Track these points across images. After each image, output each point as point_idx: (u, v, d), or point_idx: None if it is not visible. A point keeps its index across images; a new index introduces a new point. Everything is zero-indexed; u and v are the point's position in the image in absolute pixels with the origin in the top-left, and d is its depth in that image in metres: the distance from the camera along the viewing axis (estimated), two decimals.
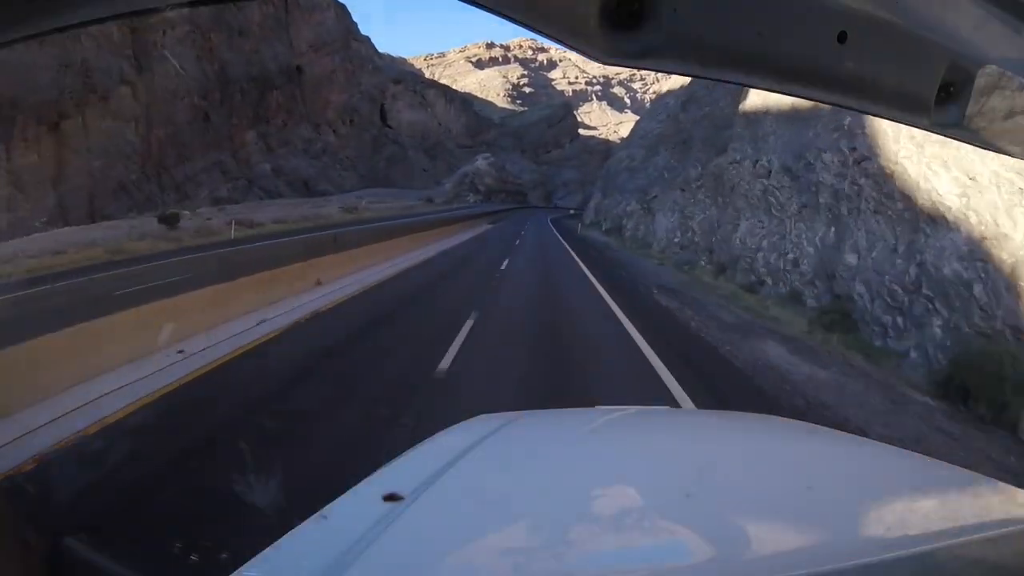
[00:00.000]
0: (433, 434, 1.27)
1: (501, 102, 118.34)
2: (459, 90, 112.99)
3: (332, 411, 4.47)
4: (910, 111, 0.56)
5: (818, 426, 1.47)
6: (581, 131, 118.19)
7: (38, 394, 4.37)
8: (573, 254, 20.82)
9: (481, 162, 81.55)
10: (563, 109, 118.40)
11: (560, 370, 5.98)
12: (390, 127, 79.57)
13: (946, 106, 0.56)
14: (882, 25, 0.49)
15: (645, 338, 7.35)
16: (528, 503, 0.92)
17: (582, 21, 0.46)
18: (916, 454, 1.23)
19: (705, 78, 0.54)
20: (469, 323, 7.69)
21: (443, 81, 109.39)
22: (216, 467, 3.44)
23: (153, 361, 5.45)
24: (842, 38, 0.49)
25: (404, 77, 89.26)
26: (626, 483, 1.03)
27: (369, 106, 76.34)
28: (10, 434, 3.81)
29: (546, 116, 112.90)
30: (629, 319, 8.64)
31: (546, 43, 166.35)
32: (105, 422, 4.17)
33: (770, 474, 1.04)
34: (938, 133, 0.59)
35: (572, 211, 74.35)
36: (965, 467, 1.04)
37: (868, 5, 0.48)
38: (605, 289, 11.85)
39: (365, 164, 75.63)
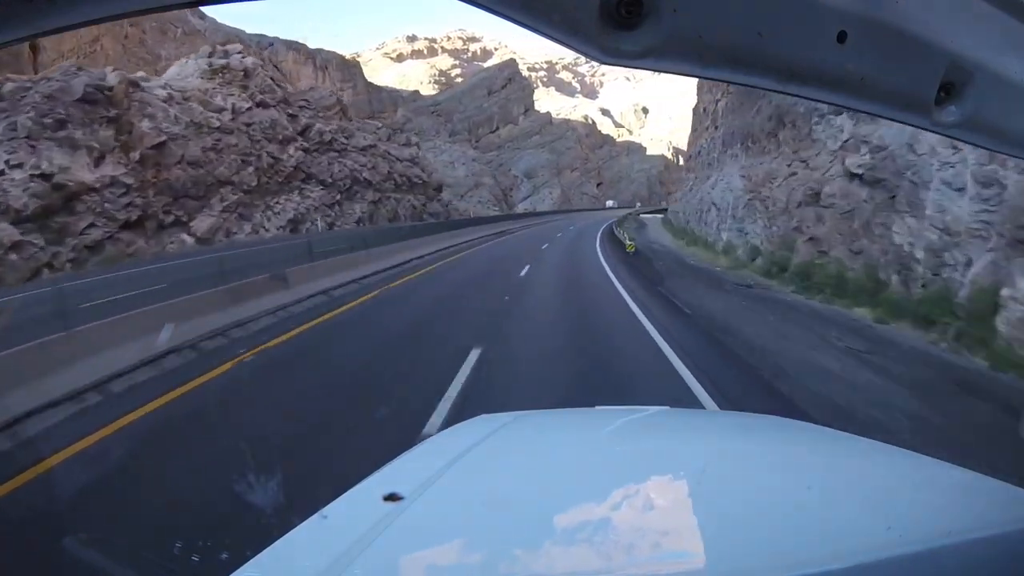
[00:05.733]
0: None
1: (427, 91, 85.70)
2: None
3: None
4: (910, 111, 0.56)
5: (818, 426, 1.47)
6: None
7: None
8: None
9: (186, 67, 27.58)
10: (506, 68, 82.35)
11: None
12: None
13: (946, 106, 0.56)
14: (882, 25, 0.49)
15: None
16: (528, 503, 0.92)
17: (582, 21, 0.46)
18: (916, 454, 1.23)
19: (705, 78, 0.54)
20: None
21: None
22: None
23: None
24: (842, 38, 0.49)
25: (243, 42, 43.43)
26: (626, 483, 1.03)
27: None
28: None
29: (484, 81, 78.89)
30: None
31: (480, 33, 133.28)
32: None
33: (770, 474, 1.04)
34: (938, 133, 0.59)
35: (662, 210, 40.09)
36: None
37: (868, 5, 0.48)
38: None
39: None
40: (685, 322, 7.60)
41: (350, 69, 66.47)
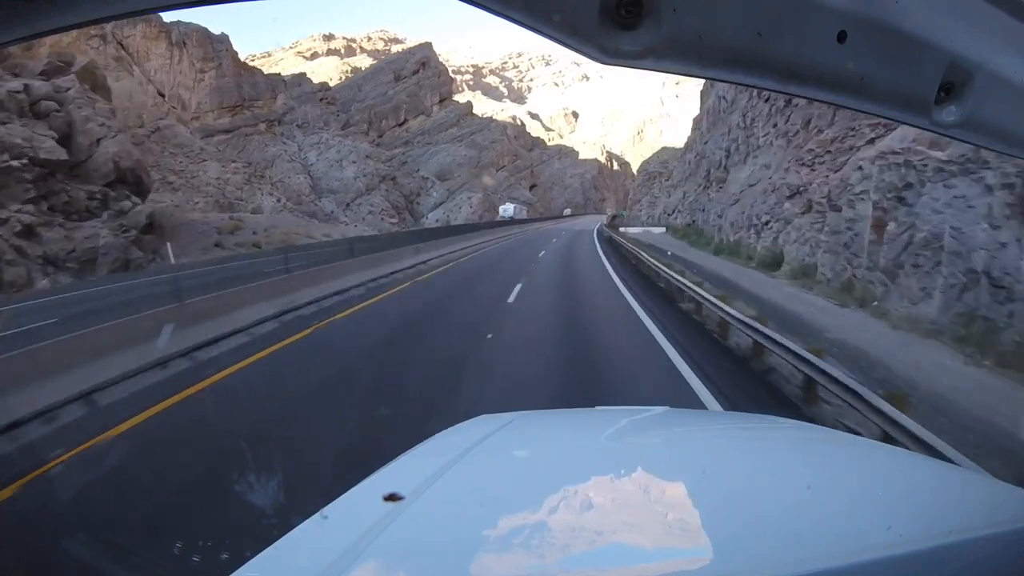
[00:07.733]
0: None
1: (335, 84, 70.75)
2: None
3: None
4: (910, 111, 0.56)
5: (818, 426, 1.47)
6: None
7: None
8: None
9: None
10: (419, 51, 69.39)
11: None
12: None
13: (946, 106, 0.56)
14: (882, 25, 0.49)
15: None
16: (528, 503, 0.92)
17: (582, 21, 0.46)
18: (916, 454, 1.23)
19: (705, 78, 0.54)
20: None
21: None
22: None
23: None
24: (842, 38, 0.49)
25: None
26: (626, 483, 1.03)
27: None
28: None
29: (390, 65, 65.67)
30: None
31: (404, 35, 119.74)
32: None
33: (770, 474, 1.04)
34: (938, 133, 0.59)
35: (625, 218, 34.84)
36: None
37: (868, 5, 0.48)
38: None
39: None
40: None
41: (215, 45, 51.05)
